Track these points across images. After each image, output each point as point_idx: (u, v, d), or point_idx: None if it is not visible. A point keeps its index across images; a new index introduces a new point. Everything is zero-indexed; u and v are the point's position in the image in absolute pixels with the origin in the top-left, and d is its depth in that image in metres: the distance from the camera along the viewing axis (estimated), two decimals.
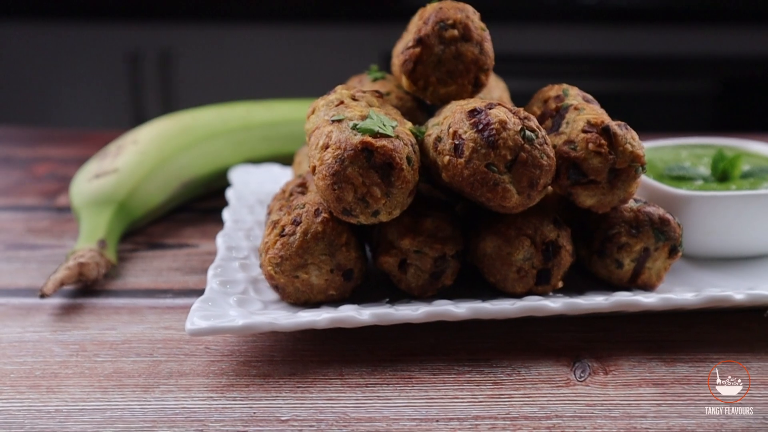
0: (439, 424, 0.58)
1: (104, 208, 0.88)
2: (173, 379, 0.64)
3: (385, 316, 0.65)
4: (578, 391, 0.62)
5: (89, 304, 0.77)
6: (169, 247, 0.91)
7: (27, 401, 0.61)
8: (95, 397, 0.61)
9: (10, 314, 0.75)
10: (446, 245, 0.70)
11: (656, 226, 0.71)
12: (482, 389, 0.63)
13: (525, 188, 0.66)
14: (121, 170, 0.93)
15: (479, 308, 0.66)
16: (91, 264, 0.79)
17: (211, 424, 0.58)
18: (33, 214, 1.01)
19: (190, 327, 0.62)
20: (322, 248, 0.68)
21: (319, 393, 0.62)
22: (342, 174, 0.64)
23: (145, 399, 0.61)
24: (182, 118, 1.05)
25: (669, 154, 0.92)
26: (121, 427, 0.58)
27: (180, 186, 0.98)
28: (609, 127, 0.68)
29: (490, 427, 0.58)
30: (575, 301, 0.66)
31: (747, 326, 0.72)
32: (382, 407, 0.60)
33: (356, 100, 0.72)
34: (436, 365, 0.66)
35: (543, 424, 0.58)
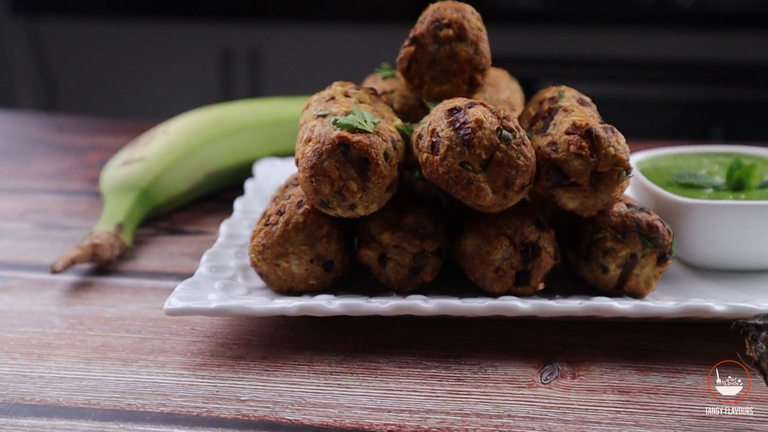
0: (389, 414, 0.59)
1: (127, 193, 0.93)
2: (152, 356, 0.67)
3: (355, 307, 0.66)
4: (539, 393, 0.62)
5: (98, 282, 0.82)
6: (187, 234, 0.95)
7: (17, 366, 0.66)
8: (77, 368, 0.66)
9: (26, 287, 0.80)
10: (425, 241, 0.70)
11: (643, 233, 0.70)
12: (443, 385, 0.63)
13: (500, 188, 0.66)
14: (147, 159, 0.98)
15: (448, 305, 0.66)
16: (105, 245, 0.84)
17: (174, 398, 0.61)
18: (73, 197, 1.08)
19: (166, 307, 0.66)
20: (303, 239, 0.70)
21: (284, 377, 0.64)
22: (319, 167, 0.66)
23: (121, 372, 0.65)
24: (215, 112, 1.10)
25: (688, 162, 0.90)
26: (92, 395, 0.62)
27: (204, 176, 1.02)
28: (592, 129, 0.67)
29: (439, 421, 0.59)
30: (547, 303, 0.66)
31: (740, 341, 0.69)
32: (339, 395, 0.62)
33: (348, 97, 0.74)
34: (405, 359, 0.67)
35: (492, 422, 0.58)
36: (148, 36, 2.73)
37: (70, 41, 2.78)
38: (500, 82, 0.88)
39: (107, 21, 2.74)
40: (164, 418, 0.59)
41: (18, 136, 1.45)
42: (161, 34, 2.71)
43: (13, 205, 1.05)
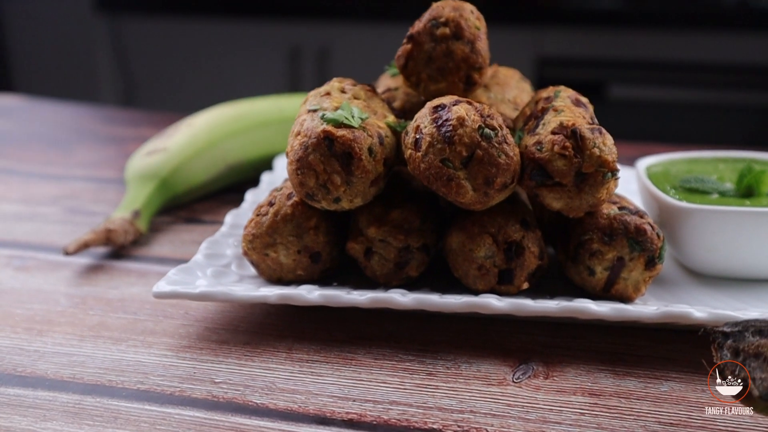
0: (353, 403, 0.60)
1: (147, 182, 0.97)
2: (142, 336, 0.70)
3: (334, 298, 0.68)
4: (507, 391, 0.62)
5: (108, 265, 0.86)
6: (203, 223, 0.98)
7: (17, 340, 0.70)
8: (71, 344, 0.69)
9: (41, 268, 0.85)
10: (410, 237, 0.71)
11: (631, 236, 0.69)
12: (413, 378, 0.64)
13: (481, 185, 0.66)
14: (169, 150, 1.01)
15: (424, 300, 0.67)
16: (119, 231, 0.88)
17: (153, 377, 0.64)
18: (105, 185, 1.13)
19: (154, 290, 0.69)
20: (290, 230, 0.72)
21: (260, 363, 0.66)
22: (305, 160, 0.68)
23: (109, 350, 0.68)
24: (240, 106, 1.13)
25: (704, 167, 0.87)
26: (78, 370, 0.65)
27: (225, 168, 1.05)
28: (578, 129, 0.66)
29: (400, 413, 0.59)
30: (522, 302, 0.66)
31: None
32: (310, 382, 0.63)
33: (344, 93, 0.75)
34: (383, 351, 0.68)
35: (452, 416, 0.59)
36: (221, 34, 2.82)
37: (147, 38, 2.90)
38: (509, 81, 0.87)
39: (183, 19, 2.85)
40: (138, 395, 0.61)
41: (68, 126, 1.52)
42: (234, 32, 2.80)
43: (48, 191, 1.11)
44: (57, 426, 0.58)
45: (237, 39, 2.82)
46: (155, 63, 2.95)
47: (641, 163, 0.88)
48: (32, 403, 0.60)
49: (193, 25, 2.85)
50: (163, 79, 2.96)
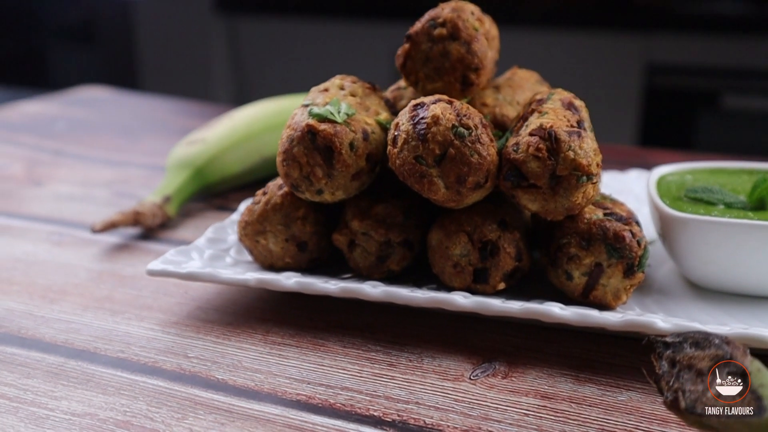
0: (306, 386, 0.63)
1: (183, 170, 1.03)
2: (138, 311, 0.76)
3: (308, 285, 0.70)
4: (459, 387, 0.63)
5: (133, 245, 0.92)
6: (232, 211, 1.03)
7: (30, 305, 0.77)
8: (74, 312, 0.75)
9: (75, 244, 0.92)
10: (391, 231, 0.73)
11: (609, 242, 0.68)
12: (373, 367, 0.66)
13: (453, 183, 0.67)
14: (207, 140, 1.07)
15: (393, 292, 0.68)
16: (147, 214, 0.94)
17: (134, 348, 0.69)
18: (157, 172, 1.20)
19: (148, 267, 0.74)
20: (279, 218, 0.75)
21: (234, 342, 0.70)
22: (290, 152, 0.71)
23: (106, 320, 0.74)
24: (282, 102, 1.17)
25: (727, 178, 0.84)
26: (72, 336, 0.71)
27: (260, 160, 1.10)
28: (554, 132, 0.66)
29: (348, 398, 0.61)
30: (486, 301, 0.66)
31: None
32: (274, 363, 0.66)
33: (342, 89, 0.78)
34: (354, 340, 0.70)
35: (395, 406, 0.60)
36: (330, 34, 2.91)
37: (261, 38, 3.03)
38: (524, 84, 0.87)
39: (296, 19, 2.96)
40: (116, 362, 0.66)
41: (142, 116, 1.62)
42: (342, 32, 2.88)
43: (106, 175, 1.19)
44: (36, 383, 0.63)
45: (345, 39, 2.89)
46: (268, 62, 3.06)
47: (656, 171, 0.85)
48: (22, 362, 0.66)
49: (306, 26, 2.94)
50: (274, 78, 3.07)
